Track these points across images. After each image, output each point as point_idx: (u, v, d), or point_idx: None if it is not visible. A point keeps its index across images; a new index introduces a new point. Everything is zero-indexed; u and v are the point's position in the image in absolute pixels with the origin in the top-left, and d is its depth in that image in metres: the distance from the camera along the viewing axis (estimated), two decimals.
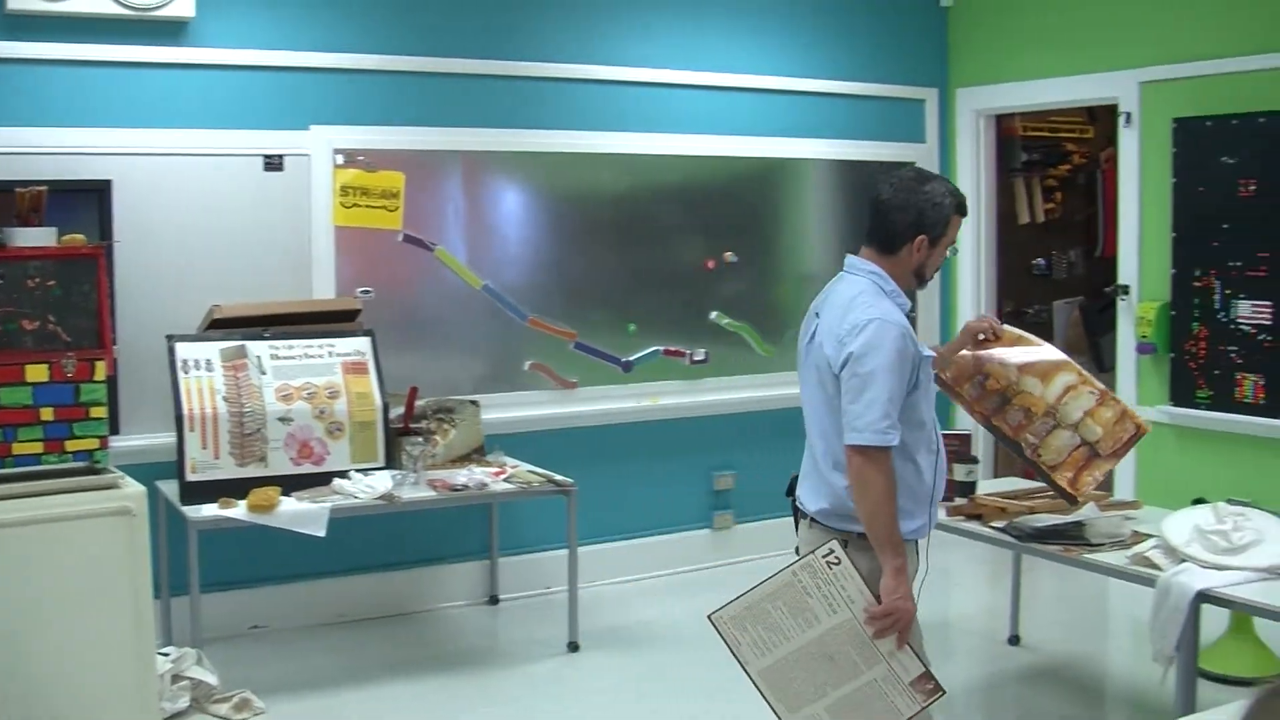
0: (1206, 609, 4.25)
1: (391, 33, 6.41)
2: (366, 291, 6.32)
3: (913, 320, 3.96)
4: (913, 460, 3.71)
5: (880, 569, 3.62)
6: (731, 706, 5.31)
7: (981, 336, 4.64)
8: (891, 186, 3.79)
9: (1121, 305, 7.21)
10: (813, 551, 3.69)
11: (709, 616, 3.77)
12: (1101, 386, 4.70)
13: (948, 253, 3.87)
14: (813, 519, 3.83)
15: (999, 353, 4.65)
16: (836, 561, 3.64)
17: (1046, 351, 4.68)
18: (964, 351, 4.70)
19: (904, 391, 3.61)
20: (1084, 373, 4.69)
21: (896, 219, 3.74)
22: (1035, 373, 4.50)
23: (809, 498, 3.87)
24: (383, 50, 6.37)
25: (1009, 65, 7.85)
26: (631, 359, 7.14)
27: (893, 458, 3.61)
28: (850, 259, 3.86)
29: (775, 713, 3.75)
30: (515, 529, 6.79)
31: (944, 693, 3.66)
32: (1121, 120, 7.18)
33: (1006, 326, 4.69)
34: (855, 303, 3.69)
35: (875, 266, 3.77)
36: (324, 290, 6.25)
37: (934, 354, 3.83)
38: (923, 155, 7.96)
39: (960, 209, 3.79)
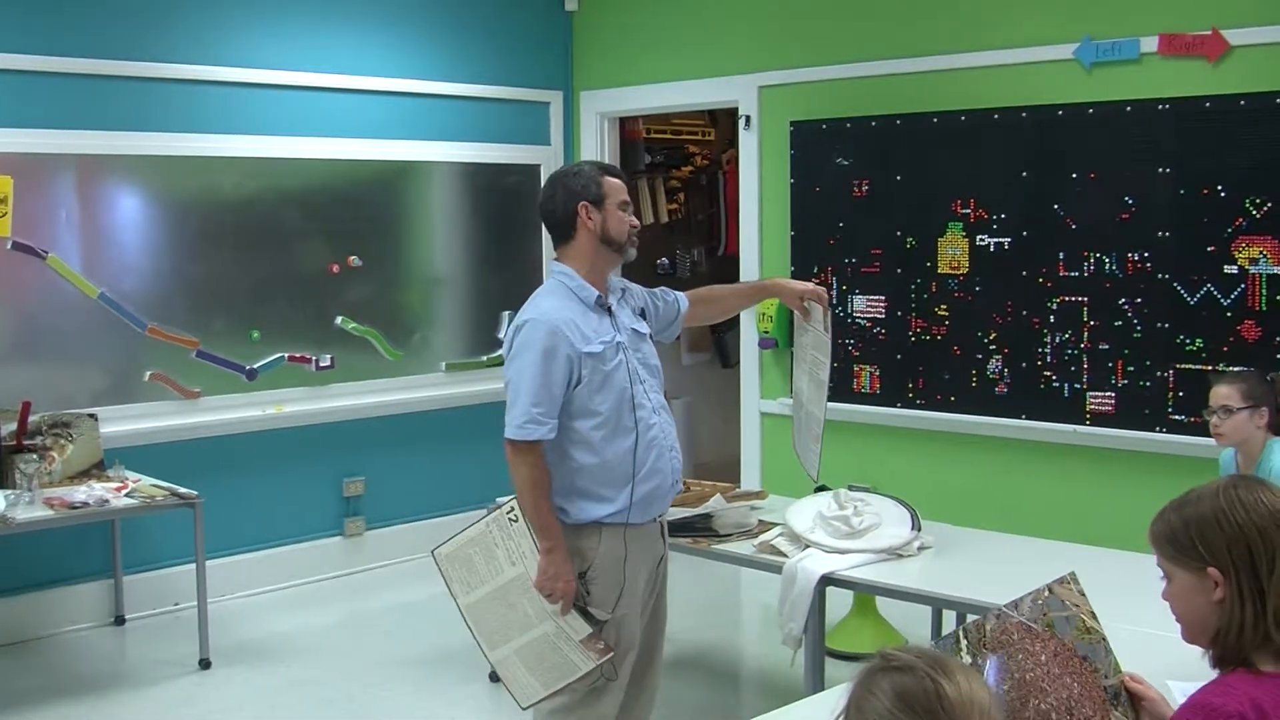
0: (831, 591, 4.64)
1: None
2: None
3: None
4: (590, 448, 4.07)
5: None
6: (369, 716, 5.54)
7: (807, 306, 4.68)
8: (541, 193, 4.30)
9: None
10: (499, 507, 4.14)
11: (432, 552, 4.22)
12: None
13: (627, 215, 4.19)
14: None
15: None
16: (515, 519, 4.08)
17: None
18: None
19: (559, 387, 4.02)
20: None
21: (554, 208, 4.20)
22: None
23: None
24: None
25: (632, 69, 8.33)
26: (256, 366, 7.28)
27: (564, 448, 4.06)
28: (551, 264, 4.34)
29: (480, 646, 4.18)
30: (140, 545, 6.85)
31: (614, 652, 4.09)
32: (742, 123, 7.77)
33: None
34: (525, 305, 4.17)
35: (563, 266, 4.21)
36: None
37: (604, 348, 4.09)
38: (548, 158, 8.38)
39: (605, 172, 4.23)
